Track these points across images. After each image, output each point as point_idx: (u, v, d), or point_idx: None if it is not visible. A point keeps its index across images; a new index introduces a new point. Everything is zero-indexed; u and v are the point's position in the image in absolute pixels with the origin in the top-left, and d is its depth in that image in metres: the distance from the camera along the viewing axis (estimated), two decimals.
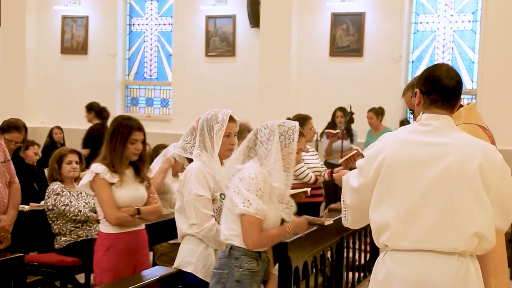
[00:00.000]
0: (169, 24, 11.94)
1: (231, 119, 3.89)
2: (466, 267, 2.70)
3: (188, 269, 3.82)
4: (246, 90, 10.88)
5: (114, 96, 12.15)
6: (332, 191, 7.99)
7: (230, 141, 3.89)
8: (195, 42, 11.42)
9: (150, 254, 4.88)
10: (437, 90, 2.84)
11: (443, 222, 2.68)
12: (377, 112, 9.43)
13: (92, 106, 9.03)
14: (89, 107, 9.05)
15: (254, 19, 10.71)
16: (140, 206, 4.22)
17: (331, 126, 9.22)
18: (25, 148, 6.36)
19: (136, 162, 4.25)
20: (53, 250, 5.52)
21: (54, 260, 5.45)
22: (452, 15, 10.04)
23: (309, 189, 5.22)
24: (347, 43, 10.43)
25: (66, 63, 12.36)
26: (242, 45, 11.12)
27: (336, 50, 10.49)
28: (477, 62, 9.90)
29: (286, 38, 10.48)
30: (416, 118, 2.96)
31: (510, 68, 9.46)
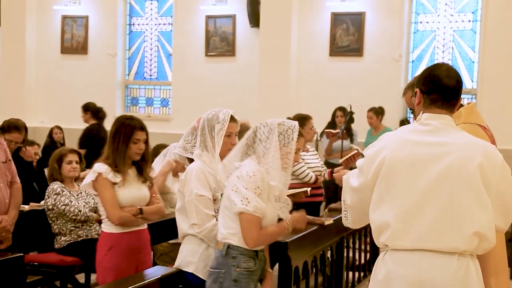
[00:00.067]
0: (169, 24, 11.93)
1: (232, 119, 3.88)
2: (466, 267, 2.70)
3: (189, 269, 3.82)
4: (246, 90, 10.88)
5: (114, 96, 12.15)
6: (332, 191, 7.99)
7: (231, 141, 3.88)
8: (195, 42, 11.41)
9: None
10: (437, 90, 2.84)
11: (443, 221, 2.68)
12: (377, 111, 9.42)
13: (88, 107, 9.01)
14: (85, 108, 9.02)
15: (254, 19, 10.70)
16: (142, 206, 4.22)
17: (331, 125, 9.21)
18: (22, 144, 6.34)
19: (138, 162, 4.24)
20: (53, 250, 5.51)
21: (54, 260, 5.45)
22: (452, 15, 10.04)
23: (309, 188, 5.22)
24: (347, 43, 10.43)
25: (66, 63, 12.36)
26: (242, 45, 11.11)
27: (336, 50, 10.49)
28: (477, 61, 9.90)
29: (286, 38, 10.48)
30: (416, 118, 2.96)
31: (510, 67, 9.45)
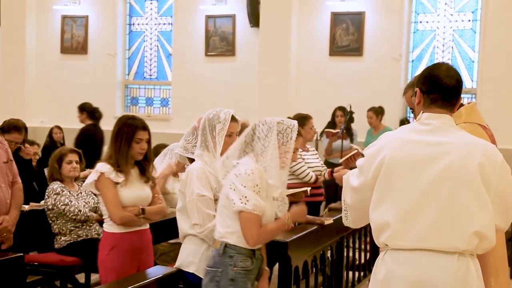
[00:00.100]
0: (168, 23, 11.93)
1: (233, 119, 3.87)
2: (466, 267, 2.69)
3: (190, 269, 3.81)
4: (246, 90, 10.87)
5: (114, 95, 12.15)
6: (332, 191, 7.98)
7: (232, 140, 3.87)
8: (195, 42, 11.41)
9: None
10: (437, 89, 2.84)
11: (443, 221, 2.68)
12: (376, 111, 9.42)
13: (84, 107, 9.02)
14: (81, 108, 9.04)
15: (254, 19, 10.70)
16: (144, 206, 4.22)
17: (331, 125, 9.21)
18: (22, 144, 6.33)
19: (141, 162, 4.25)
20: (53, 250, 5.51)
21: (54, 259, 5.45)
22: (452, 14, 10.04)
23: (309, 188, 5.22)
24: (347, 43, 10.43)
25: (66, 63, 12.35)
26: (241, 44, 11.11)
27: (336, 50, 10.49)
28: (477, 61, 9.89)
29: (286, 38, 10.47)
30: (416, 117, 2.96)
31: (510, 67, 9.45)
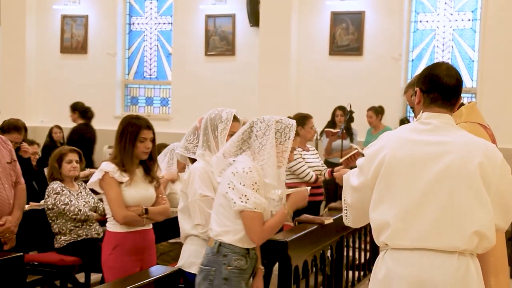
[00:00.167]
0: (168, 23, 11.92)
1: (235, 119, 3.84)
2: (466, 266, 2.69)
3: (192, 270, 3.78)
4: (246, 89, 10.87)
5: (114, 95, 12.15)
6: (332, 190, 7.99)
7: None
8: (195, 41, 11.40)
9: None
10: (437, 89, 2.84)
11: (443, 221, 2.68)
12: (376, 111, 9.42)
13: (76, 106, 9.06)
14: (73, 107, 9.08)
15: (254, 18, 10.69)
16: (148, 206, 4.23)
17: (331, 125, 9.22)
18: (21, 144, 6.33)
19: (146, 161, 4.25)
20: (53, 250, 5.52)
21: (54, 259, 5.45)
22: (451, 14, 10.04)
23: (309, 187, 5.21)
24: (347, 42, 10.42)
25: (65, 63, 12.35)
26: (241, 44, 11.10)
27: (335, 49, 10.49)
28: (476, 60, 9.89)
29: (285, 37, 10.47)
30: (416, 117, 2.96)
31: (509, 66, 9.45)
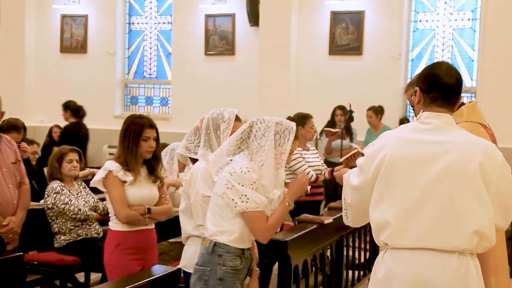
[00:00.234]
0: (168, 23, 11.92)
1: (237, 118, 3.84)
2: (466, 266, 2.69)
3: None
4: (246, 89, 10.87)
5: (114, 94, 12.14)
6: (332, 190, 7.98)
7: None
8: (195, 41, 11.40)
9: None
10: (437, 88, 2.84)
11: (443, 220, 2.68)
12: (376, 110, 9.43)
13: (68, 105, 9.11)
14: (65, 106, 9.13)
15: (254, 18, 10.69)
16: (151, 206, 4.23)
17: (331, 124, 9.23)
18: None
19: (150, 161, 4.25)
20: (52, 249, 5.52)
21: (53, 259, 5.45)
22: (451, 13, 10.03)
23: (309, 187, 5.21)
24: (347, 42, 10.42)
25: (65, 62, 12.34)
26: (241, 43, 11.10)
27: (335, 49, 10.48)
28: (476, 60, 9.88)
29: (285, 37, 10.46)
30: (416, 116, 2.96)
31: (509, 66, 9.44)
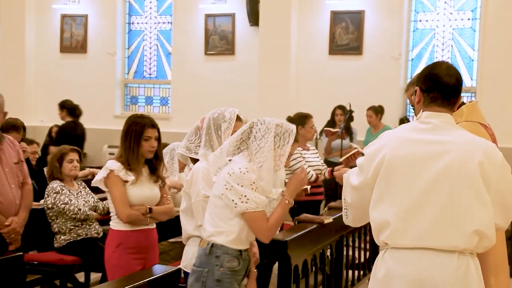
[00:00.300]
0: (168, 22, 11.92)
1: (238, 118, 3.84)
2: (466, 265, 2.69)
3: None
4: (246, 89, 10.86)
5: (114, 94, 12.14)
6: (332, 190, 7.98)
7: None
8: (195, 41, 11.39)
9: None
10: (437, 88, 2.84)
11: (443, 220, 2.68)
12: (376, 110, 9.43)
13: (64, 104, 9.10)
14: (61, 105, 9.12)
15: (254, 18, 10.68)
16: (152, 206, 4.23)
17: (331, 124, 9.23)
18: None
19: (152, 161, 4.25)
20: (52, 249, 5.52)
21: (53, 259, 5.45)
22: (451, 13, 10.03)
23: (309, 186, 5.21)
24: (347, 41, 10.41)
25: (65, 62, 12.34)
26: (241, 43, 11.10)
27: (335, 49, 10.48)
28: (476, 60, 9.88)
29: (285, 37, 10.46)
30: (416, 116, 2.96)
31: (509, 66, 9.44)
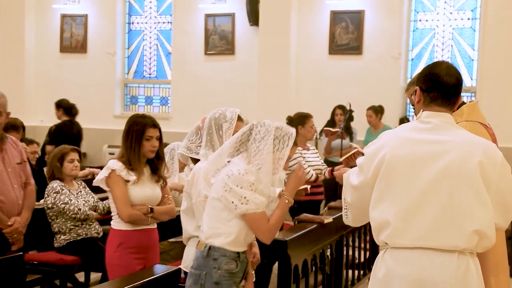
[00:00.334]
0: (168, 22, 11.92)
1: (239, 118, 3.84)
2: (466, 265, 2.69)
3: None
4: (246, 89, 10.86)
5: (114, 94, 12.14)
6: (332, 189, 7.98)
7: None
8: (194, 41, 11.39)
9: None
10: (437, 88, 2.84)
11: (443, 220, 2.68)
12: (376, 110, 9.43)
13: (61, 103, 9.11)
14: (58, 104, 9.14)
15: (253, 17, 10.68)
16: (153, 205, 4.23)
17: (331, 124, 9.23)
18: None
19: (154, 160, 4.25)
20: (52, 249, 5.52)
21: (53, 258, 5.45)
22: (451, 13, 10.03)
23: (309, 186, 5.22)
24: (347, 41, 10.41)
25: (65, 62, 12.34)
26: (241, 43, 11.09)
27: (335, 48, 10.48)
28: (476, 59, 9.88)
29: (285, 36, 10.46)
30: (416, 116, 2.96)
31: (509, 65, 9.44)
